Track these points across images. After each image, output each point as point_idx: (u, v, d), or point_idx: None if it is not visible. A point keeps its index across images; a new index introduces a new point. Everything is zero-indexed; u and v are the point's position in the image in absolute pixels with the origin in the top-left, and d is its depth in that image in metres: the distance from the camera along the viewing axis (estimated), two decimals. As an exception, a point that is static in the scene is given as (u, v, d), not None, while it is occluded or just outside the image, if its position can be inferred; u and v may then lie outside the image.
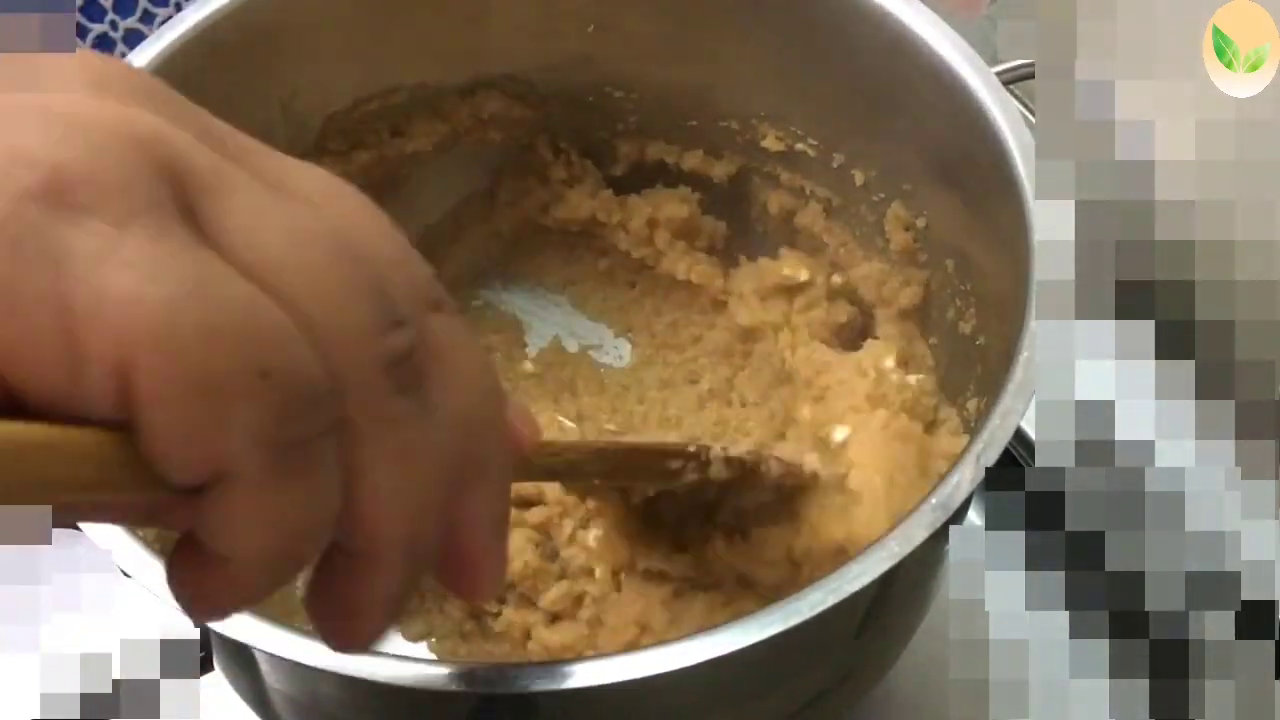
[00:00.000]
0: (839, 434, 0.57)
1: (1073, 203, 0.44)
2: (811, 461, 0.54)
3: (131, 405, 0.21)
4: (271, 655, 0.40)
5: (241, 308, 0.21)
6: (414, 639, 0.59)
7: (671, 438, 0.63)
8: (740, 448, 0.51)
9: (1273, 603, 0.40)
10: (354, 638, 0.26)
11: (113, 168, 0.21)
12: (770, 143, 0.64)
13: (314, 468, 0.23)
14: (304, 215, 0.24)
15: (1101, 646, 0.41)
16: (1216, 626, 0.40)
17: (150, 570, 0.42)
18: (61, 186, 0.21)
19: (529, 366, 0.69)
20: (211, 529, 0.22)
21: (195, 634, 0.44)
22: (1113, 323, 0.43)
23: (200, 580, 0.23)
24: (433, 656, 0.58)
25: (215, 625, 0.40)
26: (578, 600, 0.57)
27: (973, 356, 0.57)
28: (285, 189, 0.24)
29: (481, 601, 0.53)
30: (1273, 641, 0.40)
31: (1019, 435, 0.44)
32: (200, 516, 0.22)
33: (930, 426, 0.59)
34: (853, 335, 0.66)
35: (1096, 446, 0.42)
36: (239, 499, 0.22)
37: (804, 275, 0.65)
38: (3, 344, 0.20)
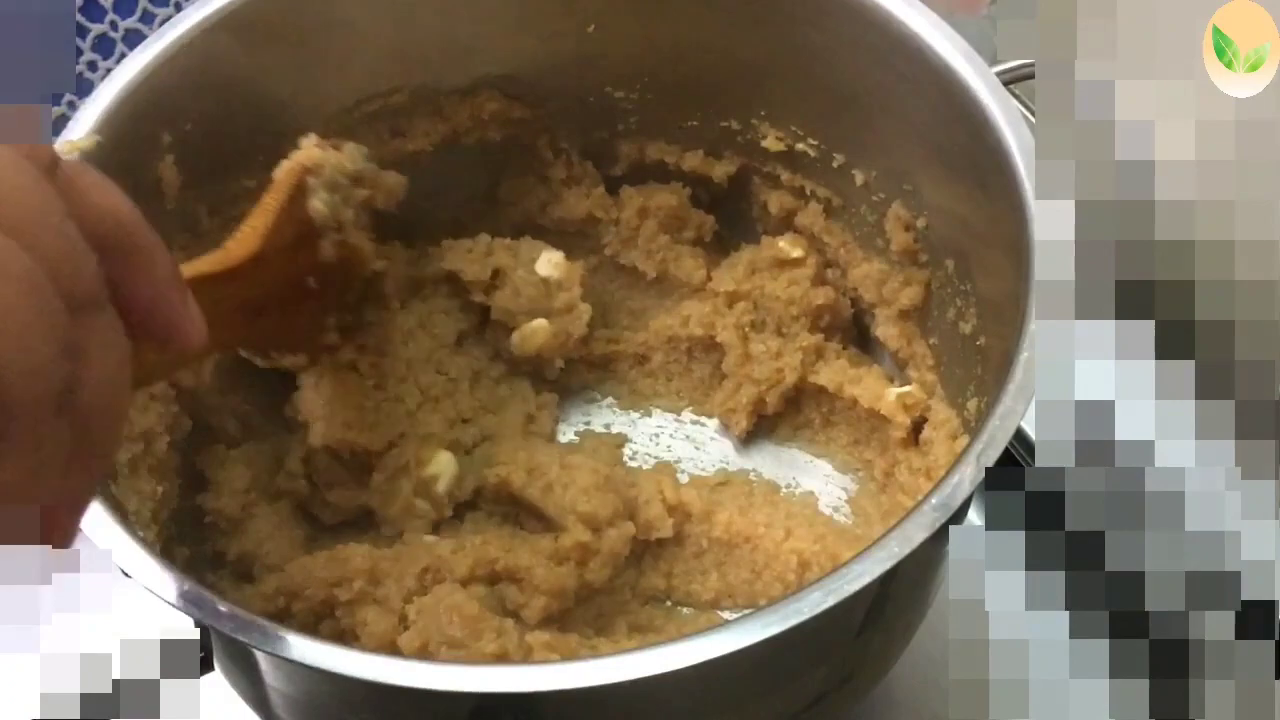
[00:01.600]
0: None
1: (1073, 203, 0.44)
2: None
3: None
4: (271, 655, 0.40)
5: None
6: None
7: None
8: None
9: (1273, 603, 0.40)
10: None
11: None
12: (770, 143, 0.64)
13: None
14: None
15: (1101, 646, 0.41)
16: (1216, 626, 0.40)
17: (150, 570, 0.42)
18: None
19: None
20: None
21: (195, 634, 0.44)
22: (1113, 323, 0.43)
23: None
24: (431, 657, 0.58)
25: (215, 624, 0.40)
26: None
27: (973, 356, 0.57)
28: None
29: None
30: (1273, 641, 0.40)
31: (1019, 435, 0.44)
32: None
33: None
34: (836, 322, 0.66)
35: (1096, 446, 0.42)
36: None
37: (797, 253, 0.65)
38: None
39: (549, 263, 0.64)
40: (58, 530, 0.33)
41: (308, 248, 0.50)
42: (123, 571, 0.42)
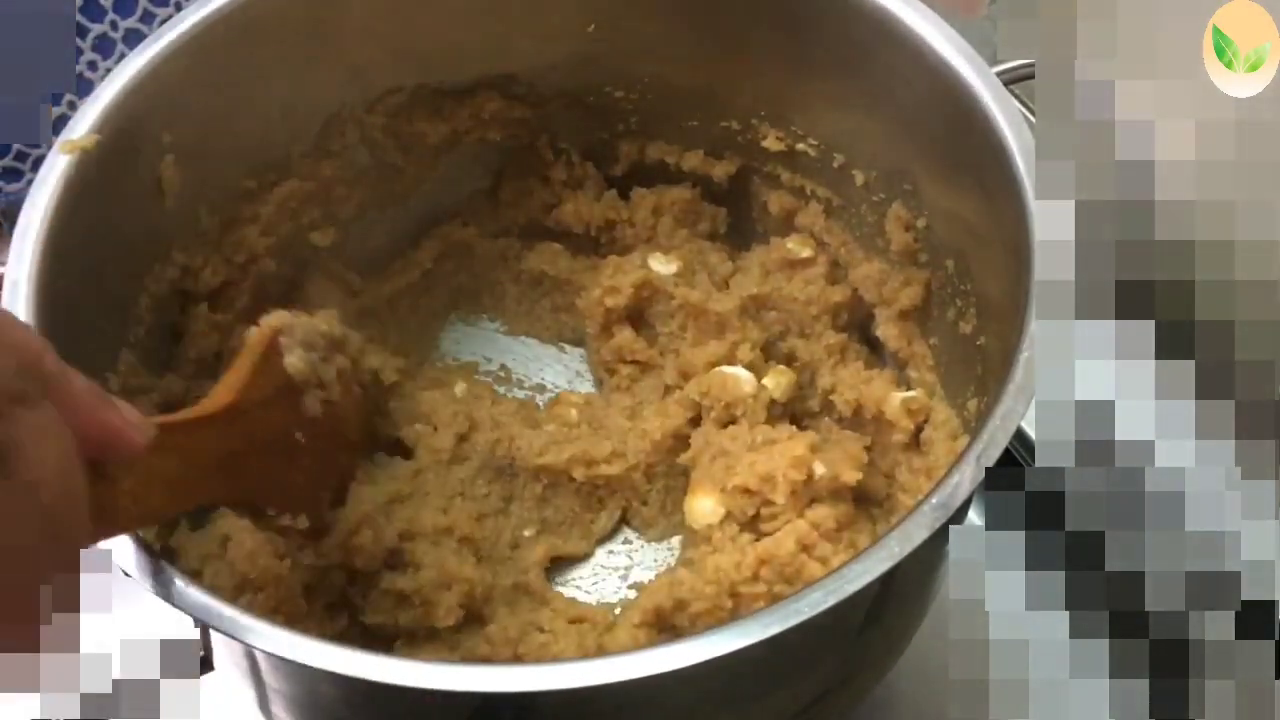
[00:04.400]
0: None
1: (1073, 203, 0.44)
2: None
3: None
4: (271, 655, 0.40)
5: None
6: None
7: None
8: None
9: (1273, 603, 0.40)
10: None
11: None
12: (770, 143, 0.64)
13: None
14: None
15: (1101, 646, 0.41)
16: (1216, 626, 0.40)
17: (150, 570, 0.42)
18: None
19: None
20: None
21: (195, 634, 0.44)
22: (1113, 323, 0.43)
23: None
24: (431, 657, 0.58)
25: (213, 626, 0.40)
26: None
27: (973, 356, 0.57)
28: None
29: None
30: (1273, 641, 0.40)
31: (1019, 435, 0.44)
32: None
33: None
34: (854, 319, 0.66)
35: (1096, 446, 0.42)
36: None
37: (806, 252, 0.65)
38: None
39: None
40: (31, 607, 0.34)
41: (290, 403, 0.51)
42: (123, 571, 0.42)
